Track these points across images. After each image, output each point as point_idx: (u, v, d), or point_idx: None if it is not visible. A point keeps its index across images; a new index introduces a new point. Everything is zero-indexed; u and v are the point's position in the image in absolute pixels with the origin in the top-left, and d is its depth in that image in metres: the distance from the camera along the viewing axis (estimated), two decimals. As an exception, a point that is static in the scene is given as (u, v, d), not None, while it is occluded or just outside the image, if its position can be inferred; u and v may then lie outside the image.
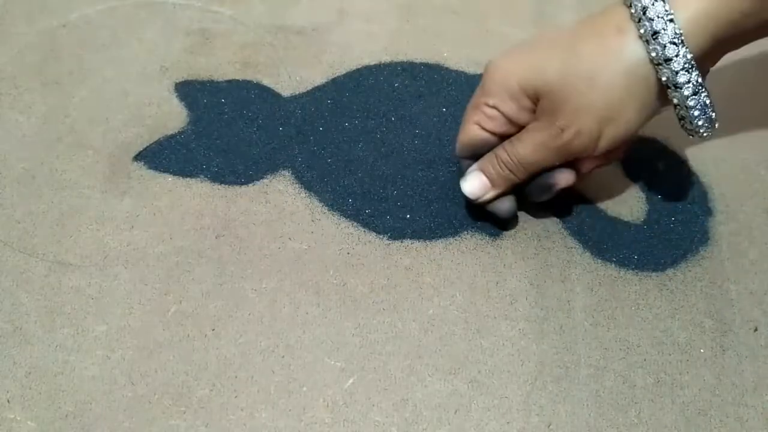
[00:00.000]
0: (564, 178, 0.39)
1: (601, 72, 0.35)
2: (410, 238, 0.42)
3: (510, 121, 0.38)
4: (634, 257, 0.42)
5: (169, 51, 0.50)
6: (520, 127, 0.38)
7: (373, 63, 0.50)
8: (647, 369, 0.38)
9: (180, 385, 0.37)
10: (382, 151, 0.45)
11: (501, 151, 0.39)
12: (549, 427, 0.36)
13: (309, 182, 0.44)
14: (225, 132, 0.46)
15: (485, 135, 0.39)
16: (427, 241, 0.42)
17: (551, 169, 0.39)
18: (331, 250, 0.42)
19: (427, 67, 0.50)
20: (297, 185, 0.44)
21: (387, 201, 0.43)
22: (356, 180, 0.44)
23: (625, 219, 0.43)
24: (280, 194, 0.44)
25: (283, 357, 0.38)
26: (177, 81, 0.48)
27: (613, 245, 0.42)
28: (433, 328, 0.39)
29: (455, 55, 0.51)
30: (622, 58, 0.35)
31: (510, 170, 0.38)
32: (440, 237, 0.42)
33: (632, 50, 0.34)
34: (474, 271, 0.41)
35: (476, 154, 0.40)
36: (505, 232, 0.43)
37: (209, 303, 0.39)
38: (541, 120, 0.37)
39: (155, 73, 0.49)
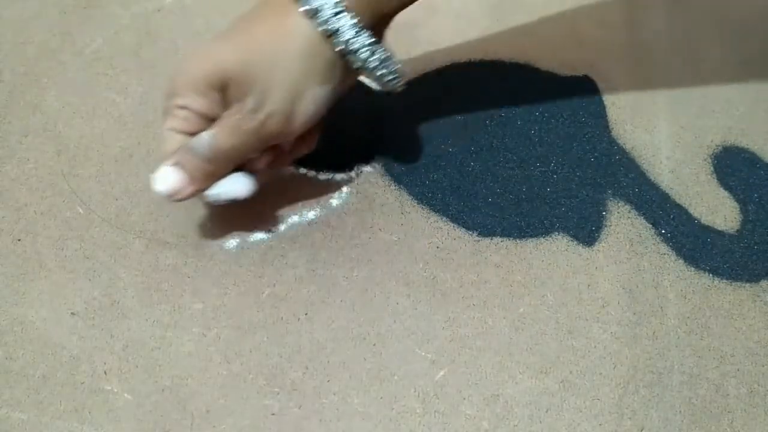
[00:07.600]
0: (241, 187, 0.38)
1: (278, 52, 0.34)
2: (500, 236, 0.42)
3: (205, 117, 0.36)
4: (727, 267, 0.41)
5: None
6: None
7: (463, 60, 0.50)
8: (741, 379, 0.38)
9: (274, 366, 0.37)
10: (471, 149, 0.46)
11: (197, 143, 0.35)
12: (641, 431, 0.36)
13: (399, 175, 0.44)
14: (317, 121, 0.46)
15: (182, 137, 0.36)
16: (517, 239, 0.42)
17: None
18: (420, 243, 0.42)
19: (517, 66, 0.50)
20: (387, 177, 0.44)
21: (476, 198, 0.44)
22: (445, 175, 0.44)
23: (719, 228, 0.43)
24: (371, 185, 0.44)
25: (374, 345, 0.38)
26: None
27: (707, 254, 0.42)
28: (523, 326, 0.39)
29: (545, 56, 0.51)
30: (294, 37, 0.34)
31: (210, 162, 0.36)
32: (531, 236, 0.42)
33: (302, 28, 0.34)
34: (565, 273, 0.41)
35: None
36: (597, 236, 0.42)
37: (302, 288, 0.40)
38: (233, 107, 0.35)
39: (248, 60, 0.50)
